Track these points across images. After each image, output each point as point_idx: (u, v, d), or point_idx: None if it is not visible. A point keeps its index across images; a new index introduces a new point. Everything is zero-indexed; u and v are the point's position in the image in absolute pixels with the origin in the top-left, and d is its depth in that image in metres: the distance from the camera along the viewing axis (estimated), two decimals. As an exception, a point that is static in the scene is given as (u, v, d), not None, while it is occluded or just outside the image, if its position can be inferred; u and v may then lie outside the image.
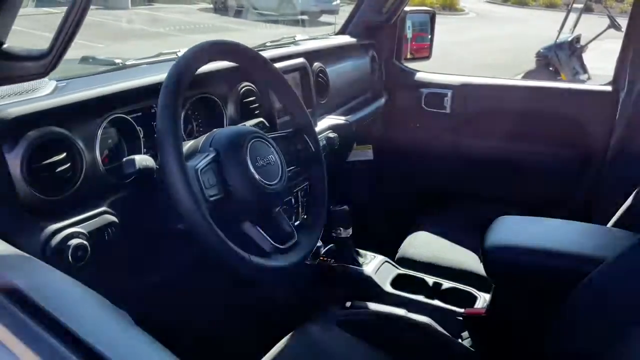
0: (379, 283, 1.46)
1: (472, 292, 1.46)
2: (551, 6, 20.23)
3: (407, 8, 2.06)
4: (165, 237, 1.03)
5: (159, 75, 1.09)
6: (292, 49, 1.57)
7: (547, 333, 1.09)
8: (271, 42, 1.72)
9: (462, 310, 1.38)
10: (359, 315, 1.30)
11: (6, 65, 0.76)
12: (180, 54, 1.33)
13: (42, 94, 0.92)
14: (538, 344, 1.12)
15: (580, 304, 1.01)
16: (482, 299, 1.43)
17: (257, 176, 0.96)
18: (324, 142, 1.40)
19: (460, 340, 1.32)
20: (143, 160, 0.93)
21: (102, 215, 0.92)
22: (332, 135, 1.47)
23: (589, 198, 1.83)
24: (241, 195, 0.95)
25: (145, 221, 0.99)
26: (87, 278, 0.86)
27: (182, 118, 1.11)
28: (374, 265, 1.51)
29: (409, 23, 2.16)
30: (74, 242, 0.86)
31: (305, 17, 12.13)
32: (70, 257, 0.85)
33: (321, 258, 1.51)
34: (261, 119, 1.24)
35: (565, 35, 6.40)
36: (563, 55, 6.26)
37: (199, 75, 1.01)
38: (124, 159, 0.92)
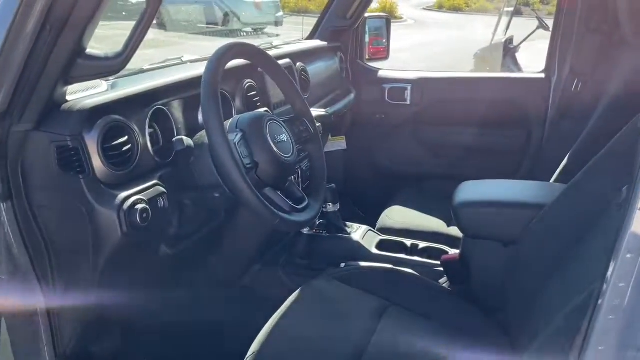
0: (366, 247, 1.71)
1: (444, 248, 1.73)
2: (483, 11, 21.33)
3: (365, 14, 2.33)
4: (203, 204, 1.24)
5: (180, 75, 1.32)
6: (278, 51, 1.80)
7: (504, 268, 1.37)
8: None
9: (438, 262, 1.65)
10: (354, 271, 1.54)
11: (89, 65, 0.96)
12: (185, 58, 1.55)
13: (100, 90, 1.12)
14: (499, 278, 1.40)
15: (527, 241, 1.29)
16: (454, 253, 1.70)
17: (276, 150, 1.19)
18: None
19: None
20: (187, 139, 1.15)
21: (155, 187, 1.13)
22: (317, 124, 1.71)
23: (532, 169, 2.15)
24: (265, 165, 1.17)
25: (187, 192, 1.20)
26: (148, 237, 1.07)
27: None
28: (360, 233, 1.76)
29: (366, 28, 2.44)
30: (140, 206, 1.06)
31: (249, 29, 12.34)
32: (138, 218, 1.05)
33: (314, 230, 1.74)
34: (266, 109, 1.47)
35: (500, 37, 6.95)
36: (498, 55, 6.73)
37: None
38: (174, 139, 1.14)
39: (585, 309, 0.79)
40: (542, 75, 2.16)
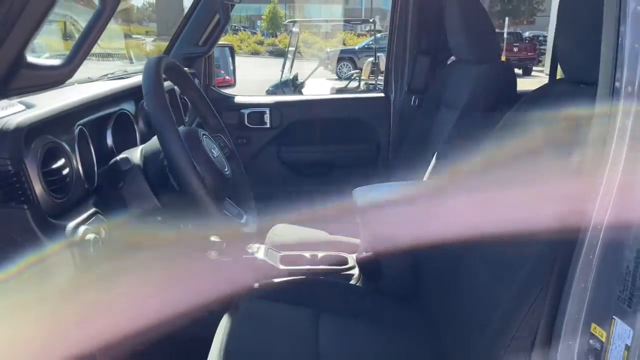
0: (273, 264, 1.70)
1: (342, 255, 1.82)
2: (255, 53, 22.68)
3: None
4: (144, 229, 1.11)
5: (91, 93, 1.18)
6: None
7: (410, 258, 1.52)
8: (109, 74, 1.81)
9: (342, 267, 1.73)
10: (274, 287, 1.52)
11: (33, 75, 0.82)
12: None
13: (18, 109, 0.94)
14: (408, 270, 1.54)
15: None
16: (351, 258, 1.80)
17: (217, 164, 1.14)
18: None
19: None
20: (132, 157, 1.04)
21: (96, 215, 0.99)
22: None
23: (383, 177, 2.40)
24: (210, 180, 1.12)
25: (125, 216, 1.07)
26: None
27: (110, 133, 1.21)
28: (262, 251, 1.74)
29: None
30: (91, 236, 0.92)
31: None
32: (92, 248, 0.91)
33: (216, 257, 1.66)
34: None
35: (287, 75, 7.63)
36: (288, 90, 7.33)
37: (116, 93, 1.16)
38: (119, 158, 1.02)
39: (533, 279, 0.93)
40: (382, 94, 2.44)
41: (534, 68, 14.62)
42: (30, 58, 0.82)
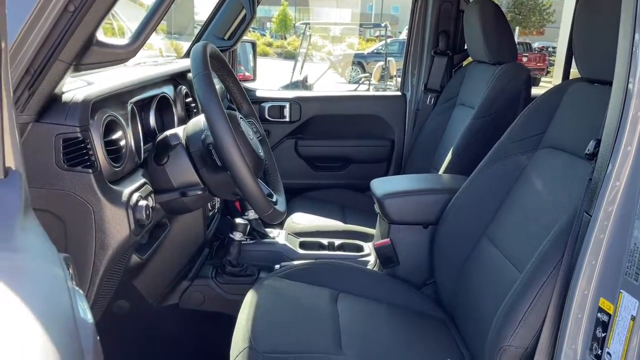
0: (293, 248, 1.79)
1: (358, 243, 1.90)
2: (264, 55, 22.88)
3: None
4: (168, 207, 1.19)
5: (141, 75, 1.27)
6: (174, 66, 1.75)
7: (427, 248, 1.60)
8: (141, 63, 1.90)
9: (358, 254, 1.81)
10: (296, 268, 1.60)
11: (102, 52, 0.91)
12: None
13: (81, 85, 1.03)
14: (423, 257, 1.62)
15: (447, 220, 1.52)
16: (367, 246, 1.88)
17: (253, 145, 1.23)
18: None
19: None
20: (180, 133, 1.13)
21: (145, 185, 1.07)
22: None
23: (397, 172, 2.48)
24: (248, 158, 1.20)
25: (163, 192, 1.16)
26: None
27: (153, 113, 1.30)
28: (283, 236, 1.83)
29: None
30: (143, 203, 1.01)
31: None
32: (144, 215, 0.99)
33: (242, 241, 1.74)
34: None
35: (297, 76, 7.82)
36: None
37: (159, 77, 1.24)
38: (169, 134, 1.10)
39: (546, 264, 1.00)
40: (399, 93, 2.53)
41: (542, 79, 14.65)
42: (100, 37, 0.91)
